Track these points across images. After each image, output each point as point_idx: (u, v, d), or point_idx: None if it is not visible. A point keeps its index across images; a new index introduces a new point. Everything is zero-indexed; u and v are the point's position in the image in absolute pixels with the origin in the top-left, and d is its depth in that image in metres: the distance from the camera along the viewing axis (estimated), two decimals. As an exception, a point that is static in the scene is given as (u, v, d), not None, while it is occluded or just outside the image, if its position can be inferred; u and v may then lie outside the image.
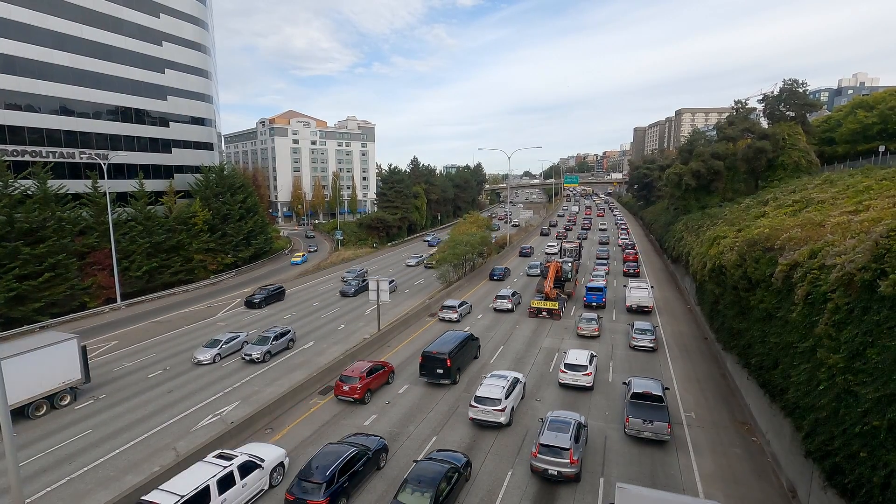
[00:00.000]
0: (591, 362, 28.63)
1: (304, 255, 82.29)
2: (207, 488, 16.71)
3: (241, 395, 28.80)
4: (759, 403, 23.29)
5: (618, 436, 23.00)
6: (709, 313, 36.08)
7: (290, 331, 37.45)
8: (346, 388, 27.08)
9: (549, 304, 43.51)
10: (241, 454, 18.94)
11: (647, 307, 43.64)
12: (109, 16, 58.96)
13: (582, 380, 27.75)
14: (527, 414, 25.39)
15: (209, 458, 18.62)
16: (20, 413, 25.72)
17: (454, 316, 42.38)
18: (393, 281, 52.53)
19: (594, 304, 45.65)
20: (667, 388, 25.65)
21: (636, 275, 60.46)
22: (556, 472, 18.97)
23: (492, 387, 24.76)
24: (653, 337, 34.68)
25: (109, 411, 27.12)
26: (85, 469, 21.47)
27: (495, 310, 46.04)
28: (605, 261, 68.64)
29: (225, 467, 17.65)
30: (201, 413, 26.63)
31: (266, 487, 19.01)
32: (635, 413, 22.62)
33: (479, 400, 24.10)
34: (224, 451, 19.28)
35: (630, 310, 43.95)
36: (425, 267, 71.24)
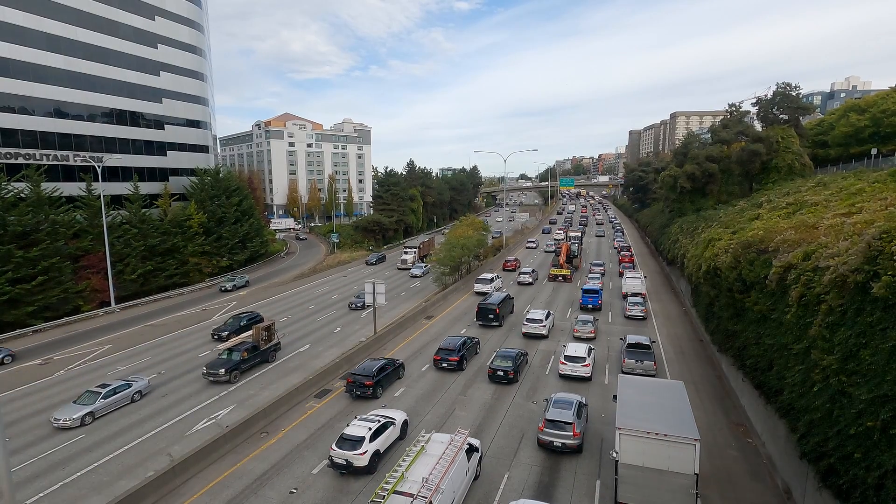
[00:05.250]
0: (588, 354, 30.44)
1: None
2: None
3: (237, 399, 28.64)
4: (754, 405, 23.40)
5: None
6: (704, 315, 36.22)
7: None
8: (509, 265, 66.72)
9: (564, 272, 59.71)
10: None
11: (640, 293, 49.15)
12: (104, 18, 58.80)
13: (581, 370, 29.75)
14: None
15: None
16: None
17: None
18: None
19: (590, 306, 45.77)
20: (653, 341, 34.73)
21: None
22: (560, 444, 21.39)
23: (536, 313, 39.35)
24: (643, 308, 43.05)
25: (103, 414, 26.89)
26: (78, 474, 21.27)
27: (519, 283, 58.65)
28: (601, 263, 68.93)
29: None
30: (196, 417, 26.46)
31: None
32: (630, 356, 30.40)
33: (529, 321, 38.50)
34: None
35: (625, 296, 49.30)
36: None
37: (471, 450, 19.54)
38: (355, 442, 20.46)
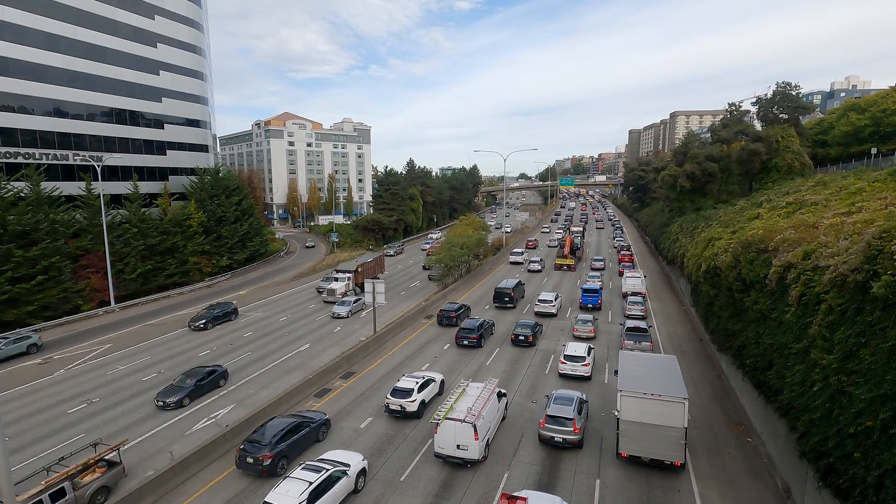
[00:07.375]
0: (588, 354, 30.62)
1: None
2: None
3: (237, 398, 28.64)
4: (753, 404, 23.40)
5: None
6: (704, 315, 36.23)
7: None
8: (530, 244, 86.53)
9: (567, 261, 67.47)
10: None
11: (640, 293, 49.09)
12: (104, 17, 58.71)
13: (581, 370, 29.93)
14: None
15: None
16: None
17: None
18: None
19: (590, 305, 45.81)
20: (650, 326, 38.67)
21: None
22: (561, 440, 21.89)
23: (547, 295, 45.50)
24: (643, 307, 43.18)
25: (103, 414, 26.92)
26: (78, 473, 21.22)
27: (529, 271, 65.95)
28: (601, 259, 69.11)
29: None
30: (196, 416, 26.46)
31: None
32: (629, 338, 33.53)
33: (541, 301, 44.48)
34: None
35: (625, 295, 49.31)
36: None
37: (500, 395, 24.51)
38: (406, 392, 25.40)
